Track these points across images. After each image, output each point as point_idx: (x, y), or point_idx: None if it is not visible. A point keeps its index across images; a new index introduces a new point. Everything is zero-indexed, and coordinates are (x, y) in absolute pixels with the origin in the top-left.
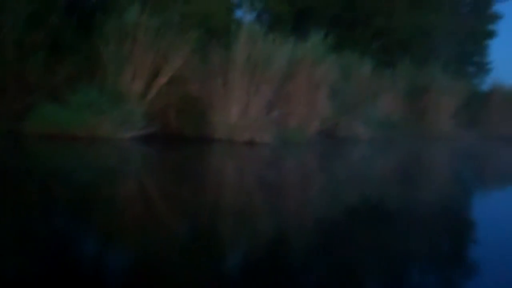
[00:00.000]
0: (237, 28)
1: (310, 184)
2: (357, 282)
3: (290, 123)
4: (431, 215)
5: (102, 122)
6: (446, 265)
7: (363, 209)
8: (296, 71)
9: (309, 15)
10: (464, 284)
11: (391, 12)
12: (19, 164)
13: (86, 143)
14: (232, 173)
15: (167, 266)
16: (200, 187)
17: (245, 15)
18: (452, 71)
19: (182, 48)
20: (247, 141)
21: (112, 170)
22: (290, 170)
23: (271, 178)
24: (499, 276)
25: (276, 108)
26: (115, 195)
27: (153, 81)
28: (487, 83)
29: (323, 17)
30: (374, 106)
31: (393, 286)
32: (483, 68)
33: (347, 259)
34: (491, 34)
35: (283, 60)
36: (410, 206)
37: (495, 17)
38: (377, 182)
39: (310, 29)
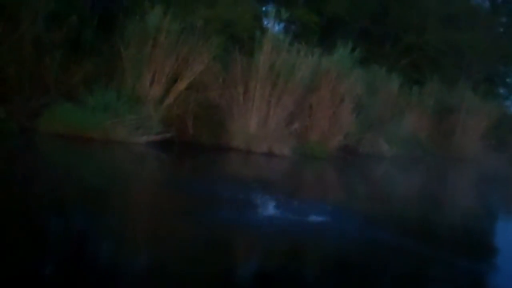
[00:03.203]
0: (261, 36)
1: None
2: None
3: (311, 137)
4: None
5: (118, 125)
6: None
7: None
8: (320, 83)
9: (337, 26)
10: None
11: (423, 29)
12: (30, 163)
13: (100, 145)
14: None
15: None
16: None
17: (271, 24)
18: (483, 92)
19: (203, 54)
20: (265, 152)
21: (121, 174)
22: (305, 185)
23: (284, 190)
24: None
25: (297, 120)
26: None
27: (172, 86)
28: None
29: (351, 29)
30: (400, 123)
31: None
32: None
33: None
34: None
35: (307, 71)
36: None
37: None
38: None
39: (337, 41)
